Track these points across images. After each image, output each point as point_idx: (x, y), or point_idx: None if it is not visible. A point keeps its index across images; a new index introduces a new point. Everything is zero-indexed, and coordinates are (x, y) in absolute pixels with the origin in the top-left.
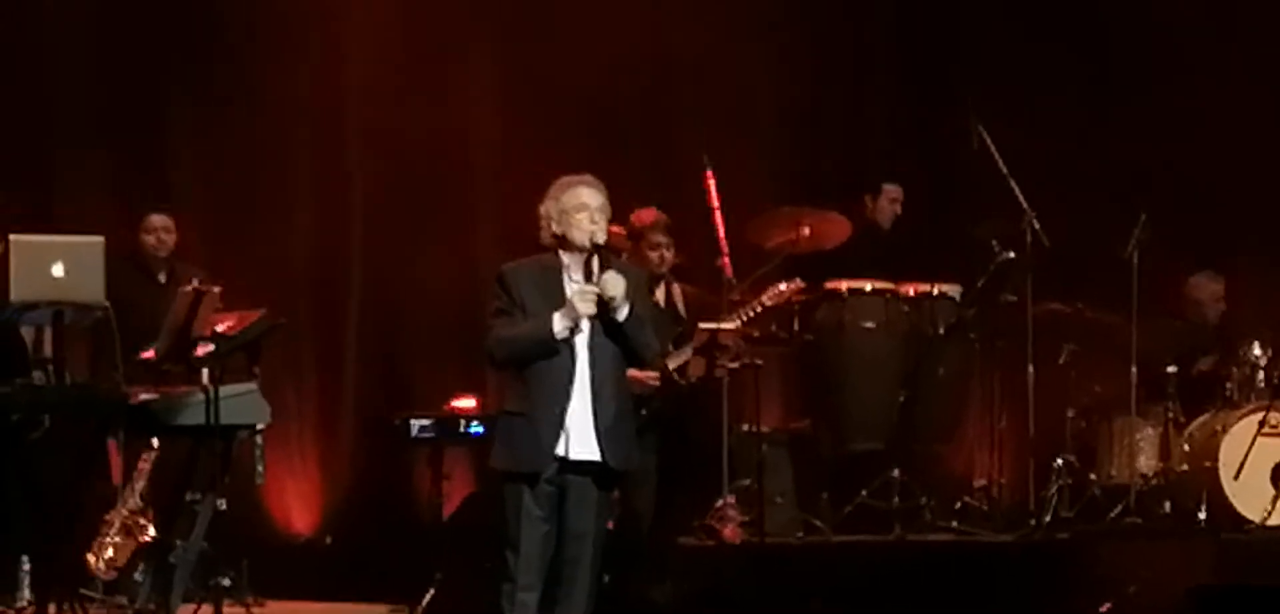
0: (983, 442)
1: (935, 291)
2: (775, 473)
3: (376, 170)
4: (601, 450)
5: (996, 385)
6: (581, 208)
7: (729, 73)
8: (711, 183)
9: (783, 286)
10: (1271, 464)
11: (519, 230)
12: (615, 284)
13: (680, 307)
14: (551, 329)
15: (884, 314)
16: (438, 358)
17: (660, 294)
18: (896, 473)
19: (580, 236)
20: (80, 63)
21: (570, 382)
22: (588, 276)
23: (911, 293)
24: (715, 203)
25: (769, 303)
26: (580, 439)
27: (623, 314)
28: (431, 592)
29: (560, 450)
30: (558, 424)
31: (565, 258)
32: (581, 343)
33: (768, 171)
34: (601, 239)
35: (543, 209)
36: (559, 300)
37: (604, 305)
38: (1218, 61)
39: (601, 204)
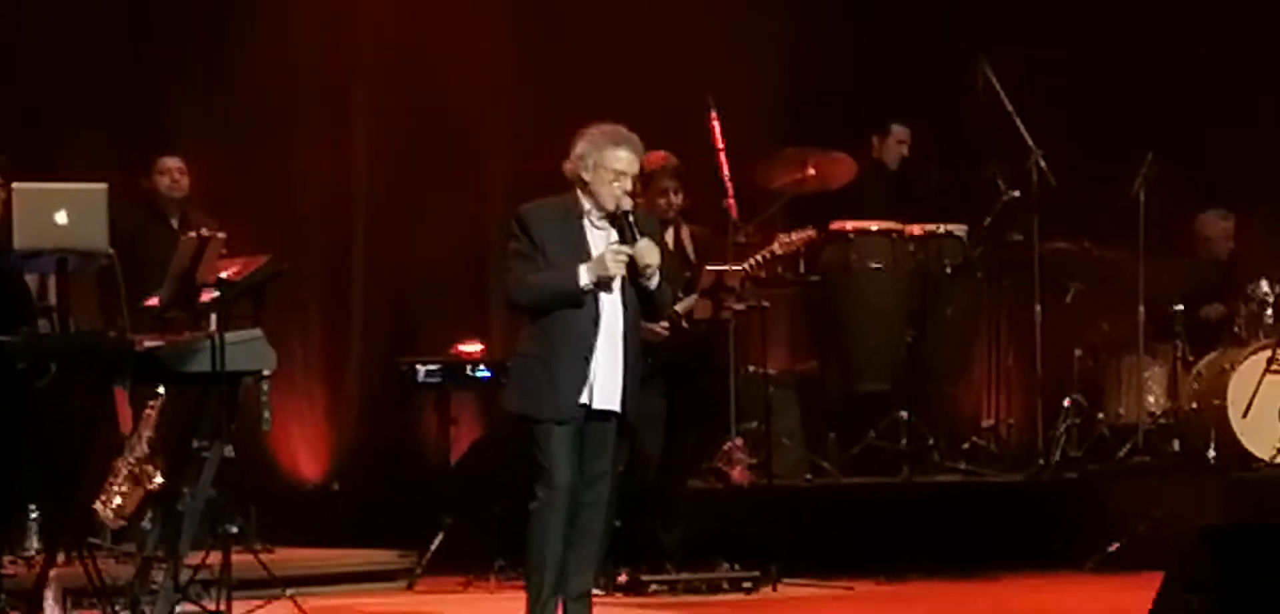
0: (990, 382)
1: (942, 231)
2: (783, 415)
3: (382, 115)
4: (623, 402)
5: (1003, 325)
6: (616, 175)
7: (734, 12)
8: (716, 124)
9: (794, 235)
10: None
11: (525, 172)
12: (651, 253)
13: (690, 250)
14: (578, 283)
15: (891, 254)
16: (444, 302)
17: (670, 237)
18: (904, 414)
19: (606, 199)
20: (83, 10)
21: (595, 331)
22: (622, 236)
23: (918, 233)
24: (720, 144)
25: (779, 251)
26: (604, 389)
27: (655, 282)
28: (440, 537)
29: (584, 399)
30: (583, 374)
31: (586, 203)
32: (605, 294)
33: (773, 112)
34: (628, 206)
35: (578, 149)
36: (579, 246)
37: (634, 267)
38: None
39: (635, 170)
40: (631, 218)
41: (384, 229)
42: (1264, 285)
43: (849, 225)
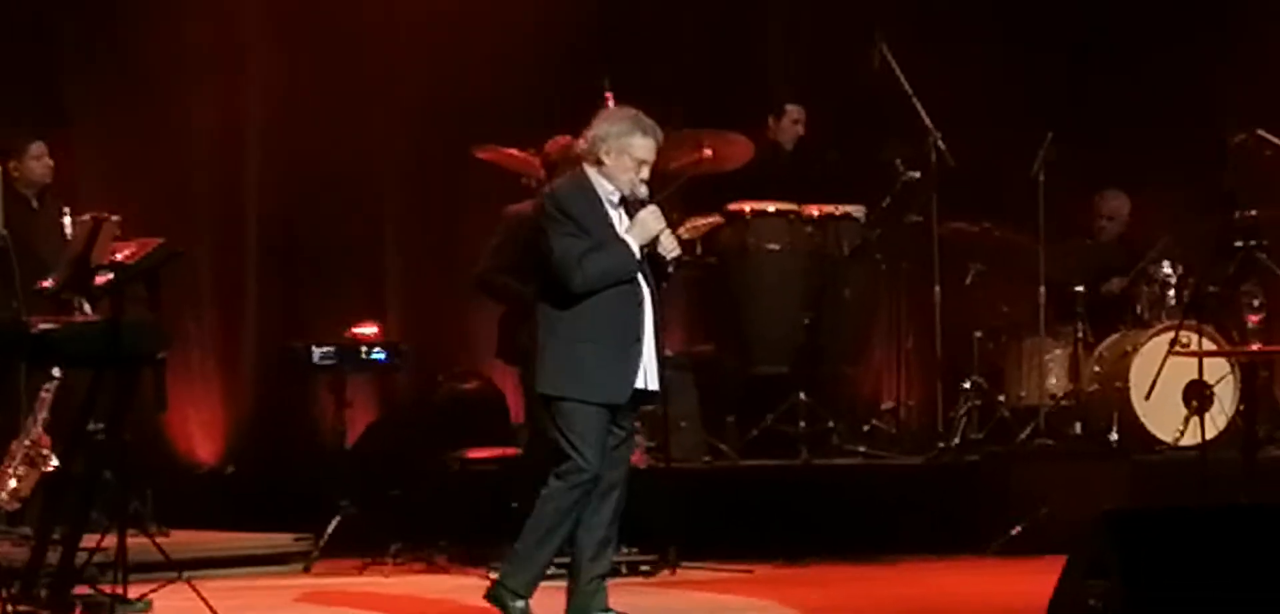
0: (890, 363)
1: (839, 213)
2: (680, 397)
3: (275, 96)
4: (660, 380)
5: (903, 307)
6: (639, 163)
7: None
8: (612, 105)
9: (701, 220)
10: (1183, 384)
11: (421, 154)
12: (672, 246)
13: None
14: (635, 257)
15: (788, 235)
16: (339, 284)
17: None
18: (803, 396)
19: (624, 184)
20: None
21: (642, 312)
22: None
23: (815, 214)
24: None
25: (685, 236)
26: (647, 370)
27: (673, 255)
28: (336, 520)
29: (640, 383)
30: (637, 356)
31: (601, 184)
32: (639, 273)
33: (669, 94)
34: (644, 194)
35: (597, 130)
36: (607, 226)
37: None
38: None
39: (654, 158)
40: (642, 198)
41: (278, 211)
42: (1165, 266)
43: (746, 207)
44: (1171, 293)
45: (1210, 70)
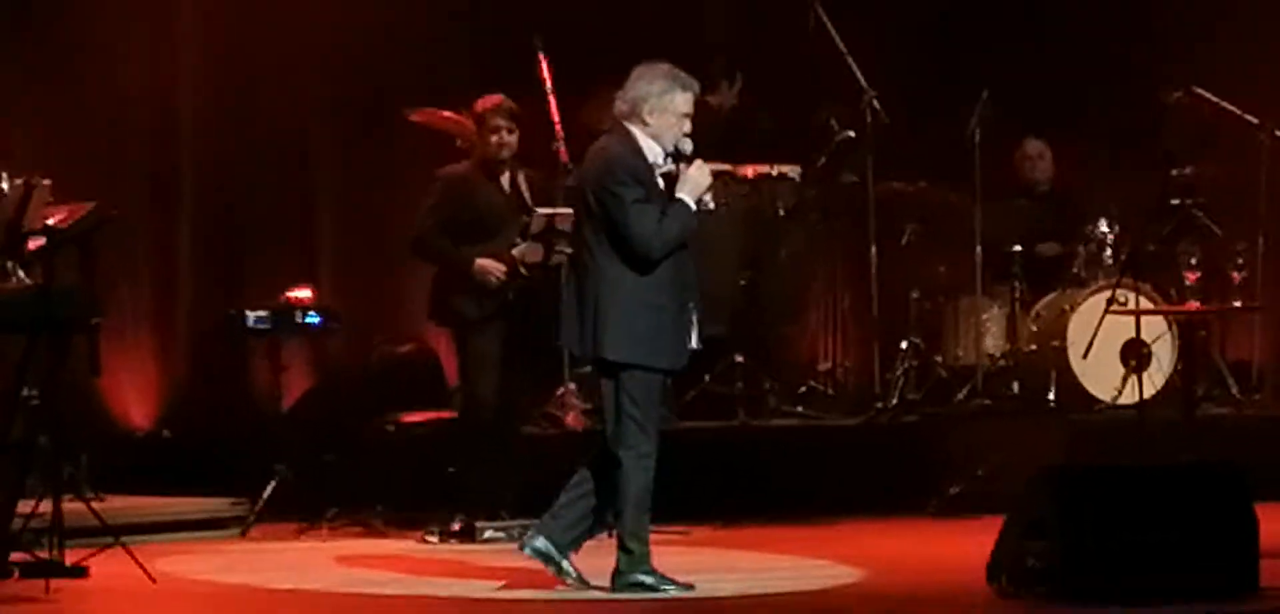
0: (826, 324)
1: (775, 173)
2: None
3: (209, 61)
4: (699, 337)
5: (839, 267)
6: (681, 119)
7: None
8: (545, 66)
9: None
10: (1121, 343)
11: (353, 119)
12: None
13: (526, 193)
14: (694, 215)
15: (723, 196)
16: (274, 247)
17: (505, 180)
18: (739, 358)
19: (669, 141)
20: None
21: (691, 271)
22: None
23: (751, 175)
24: (549, 86)
25: None
26: (695, 329)
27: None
28: (273, 484)
29: (693, 344)
30: (692, 317)
31: (650, 144)
32: None
33: (602, 53)
34: (689, 148)
35: (637, 90)
36: (656, 188)
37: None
38: None
39: (691, 112)
40: (688, 154)
41: (212, 176)
42: (1103, 225)
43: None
44: (1108, 252)
45: (1146, 28)
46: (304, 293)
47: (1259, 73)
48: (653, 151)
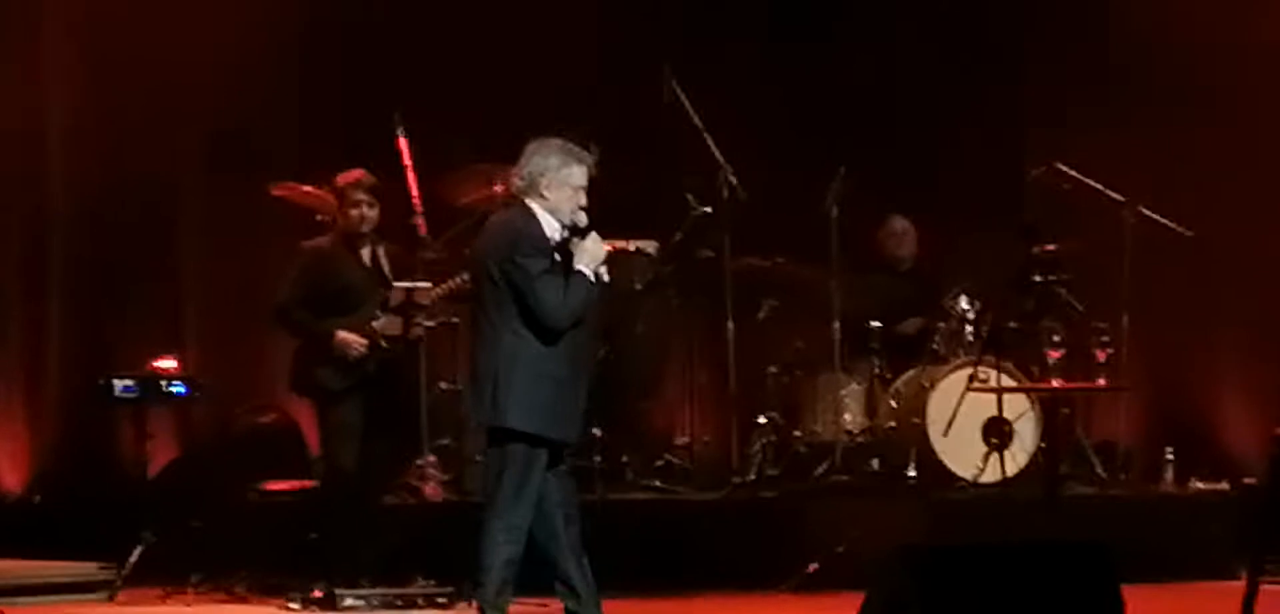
0: (683, 399)
1: (632, 247)
2: (475, 432)
3: (78, 129)
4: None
5: (696, 342)
6: (577, 192)
7: (421, 28)
8: (403, 141)
9: None
10: (982, 420)
11: (215, 187)
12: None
13: (386, 267)
14: (595, 286)
15: None
16: (141, 316)
17: (366, 254)
18: (597, 431)
19: (567, 214)
20: None
21: (586, 345)
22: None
23: (607, 249)
24: (408, 161)
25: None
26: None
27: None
28: (139, 550)
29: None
30: (584, 390)
31: (547, 219)
32: None
33: (458, 128)
34: (584, 221)
35: (532, 165)
36: (554, 260)
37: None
38: (912, 10)
39: (586, 185)
40: (583, 227)
41: (80, 244)
42: (963, 301)
43: None
44: (969, 328)
45: (1008, 103)
46: (169, 362)
47: (1124, 149)
48: (551, 225)
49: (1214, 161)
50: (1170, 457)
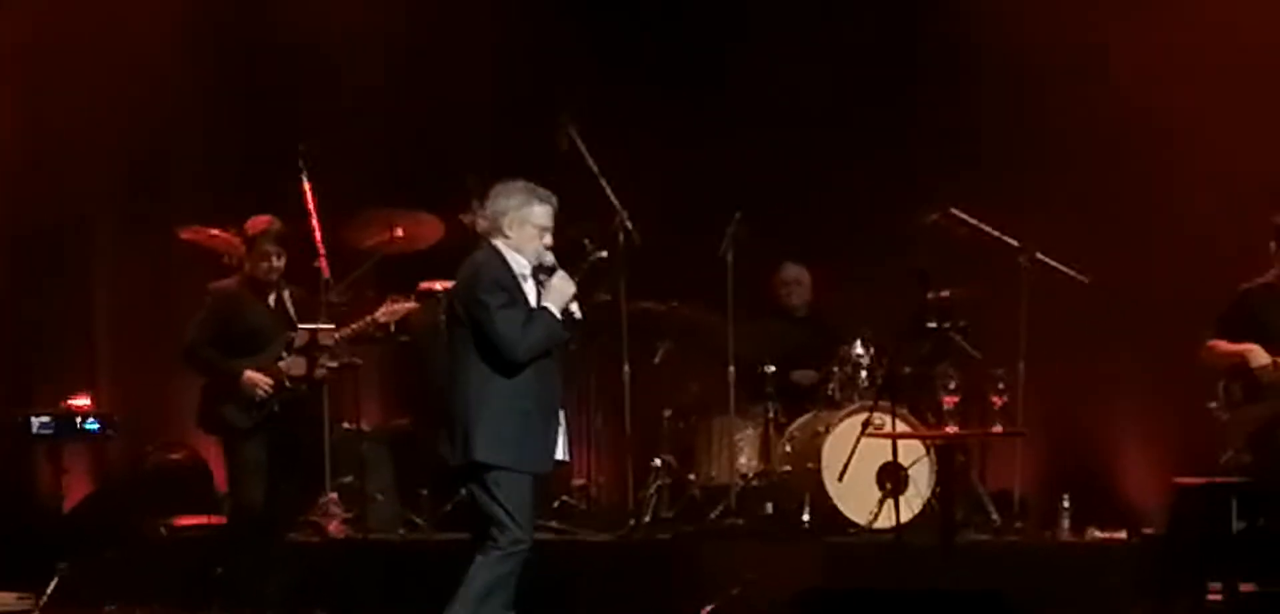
0: (580, 441)
1: (444, 291)
2: (377, 470)
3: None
4: (567, 449)
5: (592, 385)
6: (541, 231)
7: (324, 75)
8: (307, 185)
9: (398, 305)
10: (877, 465)
11: (128, 228)
12: (576, 310)
13: (291, 309)
14: (560, 323)
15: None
16: (57, 354)
17: (272, 297)
18: None
19: (531, 254)
20: None
21: (557, 381)
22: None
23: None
24: (311, 204)
25: (383, 319)
26: (562, 440)
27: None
28: (55, 581)
29: (559, 453)
30: (557, 426)
31: (514, 257)
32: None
33: (361, 173)
34: (550, 261)
35: (497, 206)
36: (523, 297)
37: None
38: (806, 55)
39: (551, 225)
40: (550, 266)
41: None
42: (858, 347)
43: (438, 285)
44: (864, 373)
45: (903, 148)
46: (83, 400)
47: (1019, 195)
48: (518, 264)
49: (1111, 207)
50: (1066, 504)
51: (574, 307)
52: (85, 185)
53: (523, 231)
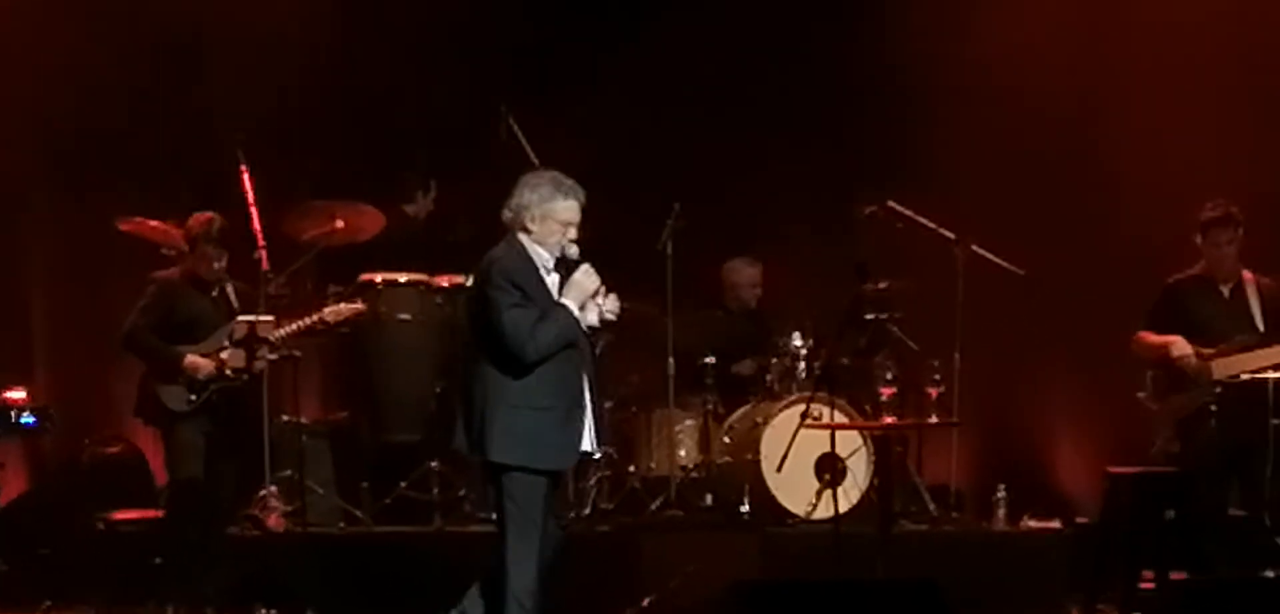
0: None
1: (469, 282)
2: (316, 463)
3: None
4: (597, 441)
5: None
6: (565, 225)
7: (264, 64)
8: (246, 176)
9: (343, 307)
10: (815, 457)
11: (72, 224)
12: (613, 306)
13: (233, 301)
14: (578, 321)
15: (418, 306)
16: None
17: (215, 291)
18: (435, 464)
19: (554, 248)
20: None
21: (582, 374)
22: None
23: (446, 284)
24: (250, 197)
25: (331, 319)
26: (589, 432)
27: (610, 307)
28: None
29: (585, 446)
30: (581, 421)
31: (537, 251)
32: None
33: (300, 164)
34: (575, 253)
35: (521, 199)
36: (544, 291)
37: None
38: (745, 47)
39: (579, 218)
40: (573, 259)
41: None
42: (796, 339)
43: (377, 277)
44: (802, 365)
45: (840, 141)
46: (18, 393)
47: (955, 186)
48: (540, 257)
49: (1045, 201)
50: (1002, 494)
51: (608, 307)
52: (20, 176)
53: (546, 225)
